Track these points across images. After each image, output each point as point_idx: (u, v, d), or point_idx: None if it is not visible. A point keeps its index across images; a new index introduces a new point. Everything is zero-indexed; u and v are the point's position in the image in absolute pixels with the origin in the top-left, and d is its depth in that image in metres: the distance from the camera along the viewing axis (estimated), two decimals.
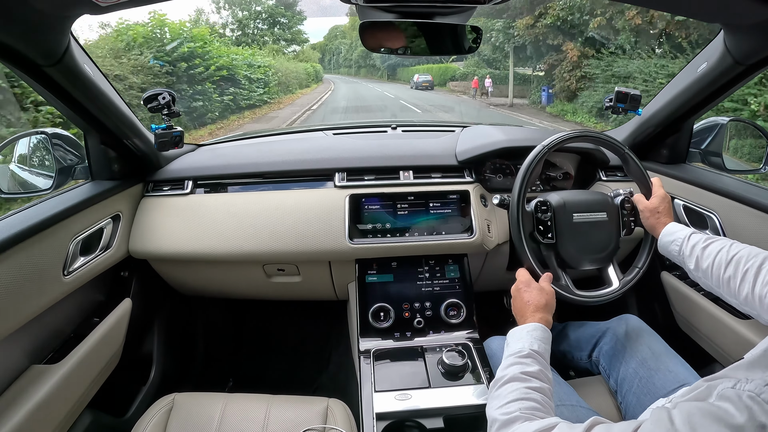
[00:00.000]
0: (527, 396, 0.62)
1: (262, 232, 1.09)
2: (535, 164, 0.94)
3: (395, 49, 0.89)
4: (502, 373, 0.68)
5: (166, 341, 1.33)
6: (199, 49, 9.71)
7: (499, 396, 0.64)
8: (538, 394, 0.63)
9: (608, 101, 1.09)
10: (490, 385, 0.69)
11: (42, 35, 0.70)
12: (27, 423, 0.75)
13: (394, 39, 0.87)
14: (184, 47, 9.23)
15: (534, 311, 0.79)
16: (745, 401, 0.35)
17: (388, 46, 0.88)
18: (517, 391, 0.63)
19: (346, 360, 1.24)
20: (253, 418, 0.87)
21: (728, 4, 0.73)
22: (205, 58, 9.84)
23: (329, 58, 56.07)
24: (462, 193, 1.16)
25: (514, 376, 0.66)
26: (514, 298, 0.85)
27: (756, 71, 0.91)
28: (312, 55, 58.89)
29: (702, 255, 0.78)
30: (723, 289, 0.74)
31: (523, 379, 0.65)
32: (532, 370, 0.66)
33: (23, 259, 0.78)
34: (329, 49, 55.99)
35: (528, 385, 0.64)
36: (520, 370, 0.66)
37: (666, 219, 0.90)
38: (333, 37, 56.11)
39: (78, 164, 1.05)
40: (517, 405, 0.60)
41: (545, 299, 0.81)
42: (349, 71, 49.24)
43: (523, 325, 0.77)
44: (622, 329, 0.98)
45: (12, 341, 0.80)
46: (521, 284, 0.85)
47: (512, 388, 0.64)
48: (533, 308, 0.79)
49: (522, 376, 0.65)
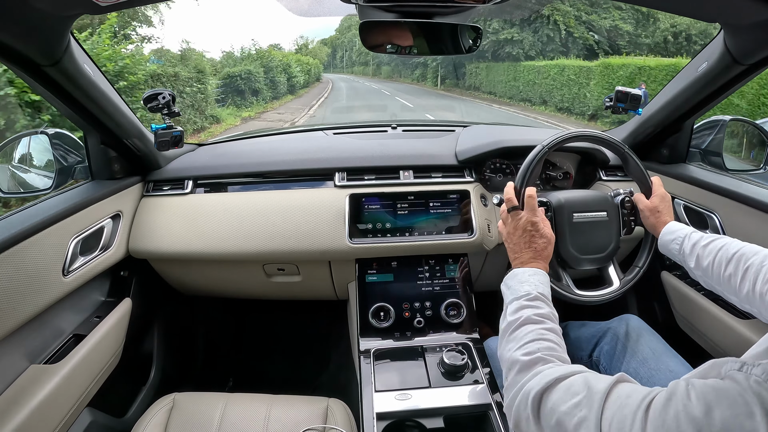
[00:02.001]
0: (544, 337, 0.62)
1: (262, 231, 1.09)
2: (535, 164, 0.93)
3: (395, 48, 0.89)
4: (514, 316, 0.67)
5: (166, 341, 1.33)
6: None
7: (515, 338, 0.64)
8: (553, 335, 0.63)
9: (608, 101, 1.09)
10: (502, 329, 0.68)
11: (42, 35, 0.70)
12: (27, 423, 0.74)
13: (394, 39, 0.87)
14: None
15: (535, 257, 0.77)
16: (752, 385, 0.35)
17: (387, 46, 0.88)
18: (534, 333, 0.63)
19: (347, 360, 1.24)
20: (253, 417, 0.87)
21: (728, 4, 0.73)
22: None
23: (341, 55, 49.65)
24: (462, 192, 1.16)
25: (528, 318, 0.65)
26: (519, 235, 0.80)
27: (756, 71, 0.90)
28: (321, 51, 52.05)
29: (702, 253, 0.78)
30: (724, 287, 0.74)
31: (537, 321, 0.65)
32: (544, 312, 0.66)
33: (23, 258, 0.78)
34: (341, 44, 49.03)
35: (543, 326, 0.64)
36: (533, 313, 0.66)
37: (666, 218, 0.90)
38: (346, 29, 47.33)
39: (78, 164, 1.05)
40: (537, 345, 0.60)
41: (549, 251, 0.79)
42: (365, 70, 41.79)
43: (522, 268, 0.76)
44: (623, 329, 0.98)
45: (12, 341, 0.80)
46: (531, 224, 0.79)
47: (527, 330, 0.64)
48: (536, 254, 0.78)
49: (536, 318, 0.65)
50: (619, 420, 0.40)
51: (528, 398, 0.52)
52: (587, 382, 0.48)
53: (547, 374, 0.53)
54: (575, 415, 0.45)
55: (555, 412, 0.48)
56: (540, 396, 0.51)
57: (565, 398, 0.48)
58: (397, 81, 30.39)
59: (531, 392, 0.52)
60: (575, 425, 0.44)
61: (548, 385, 0.51)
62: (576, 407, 0.46)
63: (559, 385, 0.51)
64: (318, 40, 57.06)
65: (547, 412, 0.49)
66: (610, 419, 0.41)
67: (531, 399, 0.52)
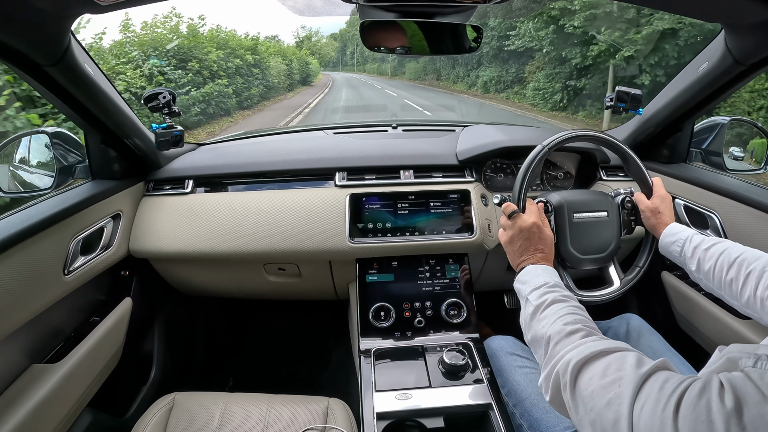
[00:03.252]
0: (577, 312, 0.61)
1: (262, 231, 1.09)
2: (535, 164, 0.93)
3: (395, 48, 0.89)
4: (539, 300, 0.66)
5: (167, 341, 1.33)
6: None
7: (546, 316, 0.62)
8: (585, 312, 0.62)
9: (608, 101, 1.09)
10: (528, 314, 0.67)
11: (42, 35, 0.70)
12: (27, 422, 0.74)
13: (394, 38, 0.87)
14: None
15: (542, 259, 0.78)
16: (767, 382, 0.35)
17: (388, 46, 0.88)
18: (566, 308, 0.62)
19: (347, 359, 1.24)
20: (253, 417, 0.87)
21: (729, 4, 0.73)
22: None
23: (352, 50, 45.18)
24: (462, 192, 1.16)
25: (555, 299, 0.65)
26: (523, 238, 0.80)
27: (757, 71, 0.91)
28: (329, 46, 49.35)
29: (704, 257, 0.78)
30: (725, 292, 0.74)
31: (564, 300, 0.64)
32: (568, 294, 0.66)
33: (23, 258, 0.78)
34: (353, 39, 42.30)
35: (572, 303, 0.63)
36: (558, 294, 0.65)
37: (667, 219, 0.90)
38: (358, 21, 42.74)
39: (78, 163, 1.05)
40: (573, 317, 0.60)
41: (552, 253, 0.81)
42: (380, 68, 34.54)
43: (533, 265, 0.76)
44: (623, 328, 0.98)
45: (12, 340, 0.80)
46: (534, 226, 0.81)
47: (558, 307, 0.62)
48: (541, 254, 0.79)
49: (563, 298, 0.65)
50: (652, 402, 0.40)
51: (569, 366, 0.51)
52: (630, 361, 0.47)
53: (591, 345, 0.52)
54: (611, 391, 0.45)
55: (592, 383, 0.48)
56: (581, 365, 0.50)
57: (607, 372, 0.47)
58: (436, 87, 18.44)
59: (572, 360, 0.51)
60: (609, 400, 0.44)
61: (591, 356, 0.50)
62: (614, 383, 0.45)
63: (603, 358, 0.50)
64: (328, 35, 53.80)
65: (585, 381, 0.49)
66: (644, 401, 0.41)
67: (572, 367, 0.51)
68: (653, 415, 0.39)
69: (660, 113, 1.15)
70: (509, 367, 0.92)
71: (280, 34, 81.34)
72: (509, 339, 1.00)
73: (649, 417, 0.39)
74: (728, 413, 0.34)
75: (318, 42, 48.11)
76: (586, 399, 0.47)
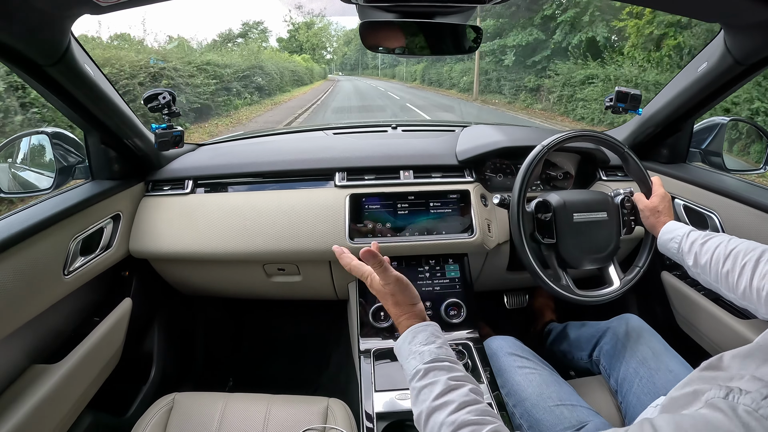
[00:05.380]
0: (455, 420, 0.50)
1: (262, 231, 1.09)
2: (535, 164, 0.94)
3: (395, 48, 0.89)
4: (417, 409, 0.55)
5: (167, 341, 1.33)
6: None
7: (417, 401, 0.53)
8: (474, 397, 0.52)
9: (608, 101, 1.09)
10: (415, 417, 0.55)
11: (42, 35, 0.70)
12: (27, 422, 0.75)
13: (394, 39, 0.87)
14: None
15: (399, 314, 0.64)
16: (741, 415, 0.32)
17: (387, 46, 0.88)
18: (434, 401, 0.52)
19: (346, 360, 1.24)
20: (253, 417, 0.87)
21: (728, 4, 0.73)
22: None
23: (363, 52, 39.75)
24: (462, 192, 1.16)
25: (431, 408, 0.52)
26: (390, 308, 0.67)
27: (756, 71, 0.91)
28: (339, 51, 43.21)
29: (700, 251, 0.78)
30: (721, 284, 0.74)
31: (440, 407, 0.52)
32: (441, 390, 0.53)
33: (23, 258, 0.78)
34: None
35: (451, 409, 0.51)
36: (432, 396, 0.53)
37: (666, 218, 0.90)
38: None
39: (78, 164, 1.05)
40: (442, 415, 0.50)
41: (398, 290, 0.64)
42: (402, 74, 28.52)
43: (401, 336, 0.63)
44: (623, 329, 0.98)
45: (12, 341, 0.80)
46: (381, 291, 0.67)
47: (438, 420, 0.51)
48: (395, 310, 0.65)
49: (438, 402, 0.52)
50: None
51: None
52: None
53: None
54: None
55: None
56: None
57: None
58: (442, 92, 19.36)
59: None
60: None
61: None
62: None
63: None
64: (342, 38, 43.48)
65: None
66: None
67: None
68: None
69: (659, 113, 1.15)
70: (509, 367, 0.92)
71: (267, 19, 65.15)
72: (509, 339, 1.01)
73: None
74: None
75: (323, 30, 36.60)
76: None
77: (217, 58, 10.57)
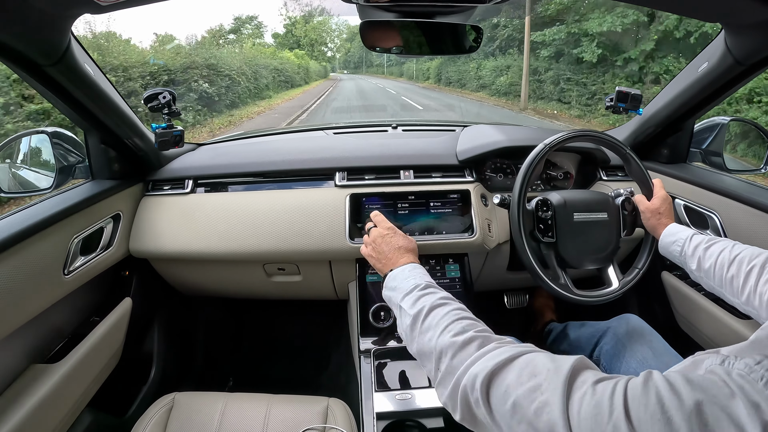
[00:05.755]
0: (462, 316, 0.57)
1: (262, 231, 1.09)
2: (535, 164, 0.93)
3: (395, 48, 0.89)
4: (415, 308, 0.61)
5: (167, 341, 1.33)
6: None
7: (429, 327, 0.57)
8: (470, 313, 0.58)
9: (609, 101, 1.09)
10: (407, 326, 0.61)
11: (42, 35, 0.70)
12: (27, 422, 0.75)
13: (394, 38, 0.87)
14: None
15: (405, 253, 0.78)
16: (735, 379, 0.34)
17: (387, 46, 0.88)
18: (449, 315, 0.57)
19: (346, 360, 1.24)
20: (253, 417, 0.87)
21: (729, 4, 0.73)
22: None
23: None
24: (462, 192, 1.16)
25: (433, 304, 0.59)
26: (378, 244, 0.81)
27: (757, 71, 0.90)
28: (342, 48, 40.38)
29: (704, 255, 0.78)
30: (726, 289, 0.74)
31: (443, 304, 0.59)
32: (443, 295, 0.62)
33: (23, 258, 0.78)
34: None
35: (453, 307, 0.58)
36: (434, 299, 0.60)
37: (667, 220, 0.90)
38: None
39: (78, 163, 1.05)
40: (461, 325, 0.54)
41: (413, 244, 0.80)
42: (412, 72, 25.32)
43: (397, 268, 0.74)
44: (623, 329, 0.98)
45: (12, 340, 0.80)
46: (385, 230, 0.83)
47: (440, 315, 0.57)
48: (404, 251, 0.78)
49: (441, 302, 0.60)
50: (592, 407, 0.37)
51: (476, 382, 0.47)
52: (545, 363, 0.44)
53: (495, 354, 0.48)
54: (535, 399, 0.41)
55: (510, 395, 0.43)
56: (490, 378, 0.46)
57: (521, 380, 0.43)
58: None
59: (479, 375, 0.47)
60: (536, 410, 0.40)
61: (498, 366, 0.46)
62: (535, 391, 0.41)
63: (509, 366, 0.46)
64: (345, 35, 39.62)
65: (500, 395, 0.44)
66: (579, 406, 0.38)
67: (480, 382, 0.46)
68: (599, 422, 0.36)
69: (660, 113, 1.15)
70: None
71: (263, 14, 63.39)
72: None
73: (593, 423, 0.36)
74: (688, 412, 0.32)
75: (322, 25, 35.61)
76: (510, 412, 0.43)
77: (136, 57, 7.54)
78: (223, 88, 9.65)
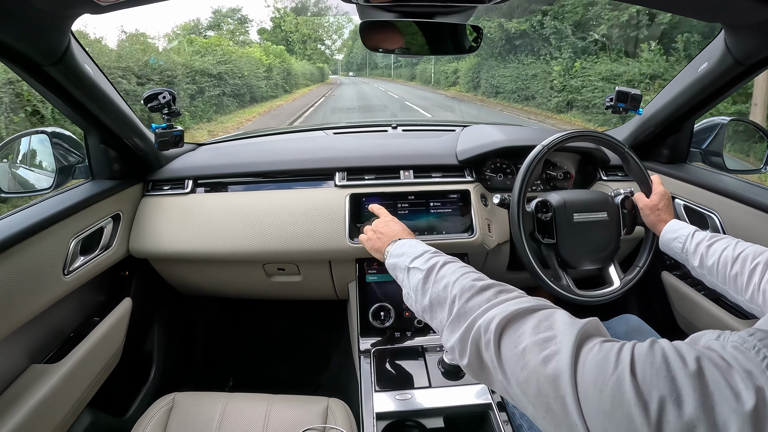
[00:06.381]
0: (480, 272, 0.57)
1: (262, 231, 1.09)
2: (535, 164, 0.93)
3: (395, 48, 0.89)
4: (429, 263, 0.62)
5: (167, 341, 1.33)
6: None
7: (445, 276, 0.58)
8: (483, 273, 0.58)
9: (609, 101, 1.09)
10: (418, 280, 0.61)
11: (42, 35, 0.70)
12: (27, 422, 0.74)
13: (394, 38, 0.87)
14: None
15: (404, 232, 0.80)
16: (729, 351, 0.35)
17: (387, 46, 0.88)
18: (465, 267, 0.58)
19: (346, 360, 1.24)
20: (253, 417, 0.87)
21: (728, 4, 0.73)
22: None
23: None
24: (462, 192, 1.16)
25: (447, 260, 0.61)
26: (379, 228, 0.83)
27: (757, 71, 0.91)
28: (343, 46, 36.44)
29: (707, 252, 0.78)
30: (729, 287, 0.73)
31: (458, 262, 0.61)
32: (458, 259, 0.63)
33: (23, 258, 0.78)
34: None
35: (469, 266, 0.59)
36: (448, 257, 0.63)
37: (666, 216, 0.90)
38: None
39: (78, 164, 1.05)
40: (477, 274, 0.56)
41: (414, 235, 0.81)
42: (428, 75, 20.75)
43: (403, 239, 0.75)
44: (623, 329, 0.98)
45: (12, 341, 0.80)
46: (388, 218, 0.86)
47: (455, 267, 0.59)
48: (407, 234, 0.80)
49: (455, 260, 0.61)
50: (599, 358, 0.38)
51: (491, 323, 0.47)
52: (564, 320, 0.44)
53: (516, 302, 0.48)
54: (547, 348, 0.42)
55: (523, 340, 0.44)
56: (506, 322, 0.46)
57: (538, 330, 0.44)
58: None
59: (497, 317, 0.47)
60: (545, 357, 0.41)
61: (518, 313, 0.46)
62: (549, 341, 0.42)
63: (530, 315, 0.46)
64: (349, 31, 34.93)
65: (514, 339, 0.45)
66: (586, 357, 0.39)
67: (496, 324, 0.46)
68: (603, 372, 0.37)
69: (660, 113, 1.15)
70: None
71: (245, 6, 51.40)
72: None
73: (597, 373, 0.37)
74: (691, 373, 0.34)
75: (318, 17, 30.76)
76: (517, 356, 0.43)
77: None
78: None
